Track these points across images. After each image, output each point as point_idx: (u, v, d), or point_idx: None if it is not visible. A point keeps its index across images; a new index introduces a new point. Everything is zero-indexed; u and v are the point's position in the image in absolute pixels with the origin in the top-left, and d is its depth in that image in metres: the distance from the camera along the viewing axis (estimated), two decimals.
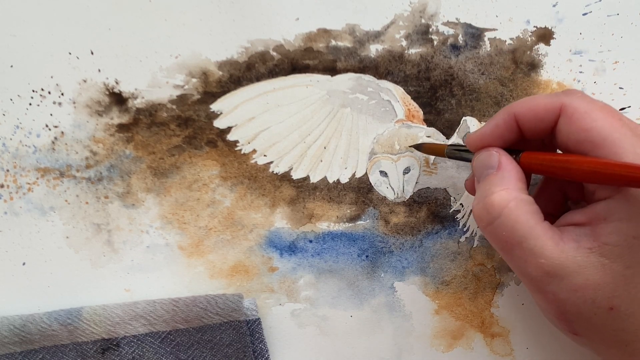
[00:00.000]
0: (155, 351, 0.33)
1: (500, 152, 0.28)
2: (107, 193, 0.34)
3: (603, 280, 0.25)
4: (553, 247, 0.26)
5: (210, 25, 0.34)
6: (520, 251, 0.26)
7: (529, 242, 0.26)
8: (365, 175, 0.35)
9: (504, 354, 0.36)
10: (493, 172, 0.28)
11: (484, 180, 0.28)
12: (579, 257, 0.25)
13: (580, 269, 0.25)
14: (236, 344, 0.34)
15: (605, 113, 0.26)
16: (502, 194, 0.27)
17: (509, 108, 0.28)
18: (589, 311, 0.26)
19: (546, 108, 0.27)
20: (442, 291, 0.36)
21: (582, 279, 0.25)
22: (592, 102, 0.26)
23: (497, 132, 0.29)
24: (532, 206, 0.27)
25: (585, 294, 0.26)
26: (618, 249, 0.25)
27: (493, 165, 0.28)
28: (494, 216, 0.27)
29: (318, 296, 0.35)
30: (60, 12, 0.34)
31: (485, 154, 0.29)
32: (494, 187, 0.27)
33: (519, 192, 0.27)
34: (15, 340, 0.32)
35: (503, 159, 0.28)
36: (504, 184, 0.27)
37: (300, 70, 0.35)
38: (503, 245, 0.27)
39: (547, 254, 0.26)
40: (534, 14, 0.35)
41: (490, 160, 0.28)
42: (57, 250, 0.34)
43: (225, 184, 0.35)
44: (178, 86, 0.34)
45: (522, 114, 0.28)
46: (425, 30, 0.35)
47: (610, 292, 0.25)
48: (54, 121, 0.34)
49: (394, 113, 0.35)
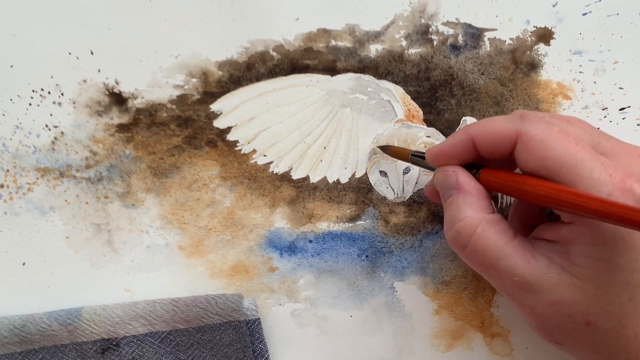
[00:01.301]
0: (155, 351, 0.33)
1: (458, 171, 0.28)
2: (107, 193, 0.34)
3: (576, 298, 0.25)
4: (525, 265, 0.26)
5: (210, 25, 0.34)
6: (495, 271, 0.26)
7: (500, 262, 0.26)
8: (365, 175, 0.35)
9: (504, 354, 0.36)
10: (454, 193, 0.28)
11: (448, 203, 0.28)
12: (552, 274, 0.26)
13: (554, 286, 0.25)
14: (236, 344, 0.34)
15: (561, 139, 0.25)
16: (468, 220, 0.27)
17: (467, 129, 0.28)
18: (566, 325, 0.26)
19: (502, 134, 0.27)
20: (442, 291, 0.36)
21: (556, 295, 0.25)
22: (548, 127, 0.26)
23: (454, 151, 0.28)
24: (499, 225, 0.27)
25: (560, 309, 0.26)
26: (586, 270, 0.25)
27: (453, 186, 0.28)
28: (465, 243, 0.27)
29: (318, 296, 0.35)
30: (60, 12, 0.34)
31: (443, 174, 0.28)
32: (459, 213, 0.27)
33: (483, 213, 0.27)
34: (15, 340, 0.32)
35: (461, 178, 0.28)
36: (467, 208, 0.27)
37: (300, 70, 0.35)
38: (478, 267, 0.27)
39: (520, 272, 0.26)
40: (534, 14, 0.35)
41: (449, 180, 0.28)
42: (57, 250, 0.34)
43: (225, 184, 0.35)
44: (178, 86, 0.34)
45: (479, 137, 0.27)
46: (425, 30, 0.35)
47: (584, 309, 0.25)
48: (54, 121, 0.34)
49: (393, 113, 0.35)
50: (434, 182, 0.30)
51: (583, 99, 0.36)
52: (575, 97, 0.36)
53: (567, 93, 0.36)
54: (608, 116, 0.36)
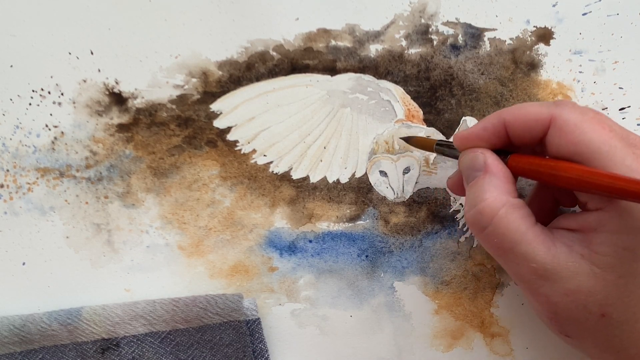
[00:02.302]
0: (155, 351, 0.33)
1: (486, 153, 0.28)
2: (107, 193, 0.34)
3: (595, 288, 0.25)
4: (545, 251, 0.26)
5: (210, 25, 0.34)
6: (513, 256, 0.26)
7: (520, 247, 0.26)
8: (365, 175, 0.35)
9: (504, 353, 0.36)
10: (480, 175, 0.27)
11: (472, 184, 0.28)
12: (571, 262, 0.25)
13: (572, 275, 0.25)
14: (236, 344, 0.34)
15: (595, 124, 0.26)
16: (491, 201, 0.26)
17: (499, 113, 0.28)
18: (580, 316, 0.26)
19: (536, 118, 0.27)
20: (442, 291, 0.36)
21: (574, 284, 0.25)
22: (582, 114, 0.26)
23: (485, 135, 0.28)
24: (522, 210, 0.27)
25: (577, 299, 0.26)
26: (609, 259, 0.25)
27: (480, 168, 0.28)
28: (485, 224, 0.27)
29: (318, 296, 0.35)
30: (60, 12, 0.34)
31: (471, 155, 0.28)
32: (484, 194, 0.27)
33: (508, 197, 0.27)
34: (15, 340, 0.32)
35: (489, 160, 0.28)
36: (492, 189, 0.27)
37: (300, 70, 0.35)
38: (496, 250, 0.27)
39: (539, 259, 0.26)
40: (534, 14, 0.35)
41: (476, 161, 0.28)
42: (57, 250, 0.34)
43: (225, 184, 0.35)
44: (178, 86, 0.34)
45: (512, 122, 0.27)
46: (425, 30, 0.35)
47: (602, 299, 0.25)
48: (54, 121, 0.34)
49: (393, 113, 0.35)
50: (460, 164, 0.29)
51: (583, 98, 0.36)
52: (575, 97, 0.36)
53: (567, 93, 0.36)
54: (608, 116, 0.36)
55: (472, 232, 0.28)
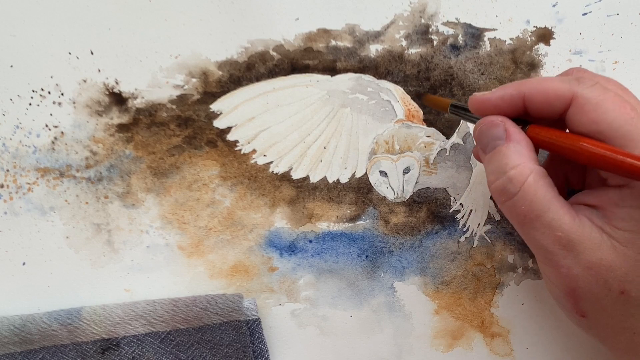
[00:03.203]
0: (155, 351, 0.33)
1: (506, 121, 0.27)
2: (107, 193, 0.34)
3: (616, 263, 0.25)
4: (570, 221, 0.26)
5: (210, 25, 0.34)
6: (539, 224, 0.26)
7: (547, 215, 0.26)
8: (365, 175, 0.35)
9: (504, 354, 0.36)
10: (502, 143, 0.27)
11: (495, 152, 0.27)
12: (594, 234, 0.25)
13: (595, 247, 0.25)
14: (236, 344, 0.34)
15: (617, 104, 0.25)
16: (520, 168, 0.26)
17: (519, 85, 0.27)
18: (600, 292, 0.26)
19: (557, 95, 0.26)
20: (442, 291, 0.36)
21: (596, 257, 0.25)
22: (604, 92, 0.26)
23: (502, 103, 0.28)
24: (547, 179, 0.26)
25: (598, 273, 0.25)
26: (630, 235, 0.25)
27: (500, 136, 0.27)
28: (514, 192, 0.26)
29: (318, 296, 0.35)
30: (60, 12, 0.34)
31: (489, 124, 0.28)
32: (510, 161, 0.26)
33: (534, 164, 0.26)
34: (15, 340, 0.32)
35: (511, 129, 0.27)
36: (518, 157, 0.26)
37: (300, 70, 0.35)
38: (522, 219, 0.27)
39: (565, 227, 0.25)
40: (534, 14, 0.35)
41: (496, 130, 0.27)
42: (57, 250, 0.34)
43: (225, 184, 0.35)
44: (178, 86, 0.34)
45: (532, 95, 0.27)
46: (425, 30, 0.35)
47: (622, 275, 0.25)
48: (54, 121, 0.34)
49: (393, 113, 0.35)
50: (475, 132, 0.29)
51: None
52: None
53: None
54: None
55: (496, 200, 0.28)
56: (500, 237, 0.36)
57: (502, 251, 0.36)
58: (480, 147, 0.29)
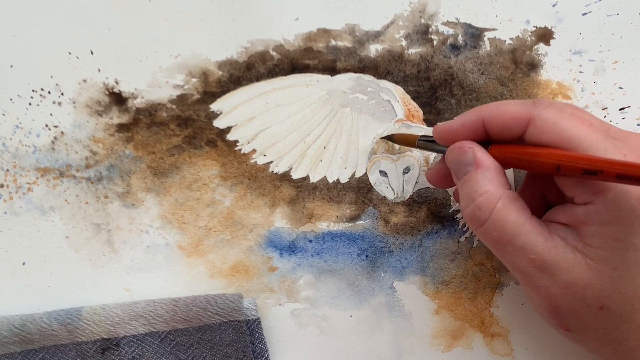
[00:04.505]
0: (155, 351, 0.33)
1: (474, 147, 0.28)
2: (107, 193, 0.34)
3: (591, 280, 0.25)
4: (543, 242, 0.26)
5: (210, 25, 0.34)
6: (511, 248, 0.26)
7: (519, 239, 0.26)
8: (365, 175, 0.35)
9: (504, 353, 0.36)
10: (472, 170, 0.27)
11: (465, 179, 0.28)
12: (568, 254, 0.26)
13: (570, 267, 0.25)
14: (236, 343, 0.34)
15: (574, 120, 0.26)
16: (487, 195, 0.27)
17: (478, 111, 0.28)
18: (580, 308, 0.26)
19: (514, 118, 0.27)
20: (442, 291, 0.36)
21: (572, 276, 0.25)
22: (560, 111, 0.26)
23: (463, 131, 0.28)
24: (518, 202, 0.27)
25: (575, 292, 0.26)
26: (601, 252, 0.25)
27: (470, 162, 0.28)
28: (484, 218, 0.27)
29: (318, 296, 0.35)
30: (60, 12, 0.34)
31: (459, 151, 0.28)
32: (479, 188, 0.27)
33: (503, 189, 0.27)
34: (15, 340, 0.32)
35: (478, 154, 0.28)
36: (486, 183, 0.27)
37: (300, 70, 0.35)
38: (495, 244, 0.27)
39: (538, 250, 0.26)
40: (534, 14, 0.35)
41: (465, 157, 0.28)
42: (57, 250, 0.34)
43: (225, 184, 0.35)
44: (178, 86, 0.34)
45: (490, 120, 0.28)
46: (425, 30, 0.35)
47: (599, 292, 0.25)
48: (54, 121, 0.34)
49: (393, 113, 0.35)
50: (447, 159, 0.29)
51: (583, 98, 0.36)
52: (575, 97, 0.36)
53: (567, 93, 0.36)
54: (608, 116, 0.36)
55: (470, 227, 0.28)
56: None
57: None
58: (454, 174, 0.29)
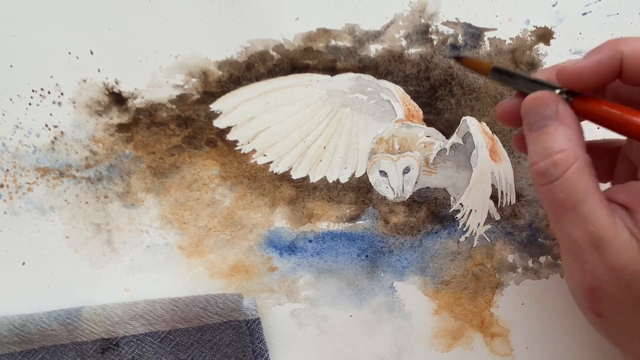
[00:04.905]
0: (154, 351, 0.33)
1: (559, 101, 0.25)
2: (107, 193, 0.34)
3: None
4: (606, 217, 0.24)
5: (210, 25, 0.34)
6: (573, 215, 0.25)
7: (583, 207, 0.24)
8: (365, 175, 0.35)
9: (504, 353, 0.36)
10: (552, 124, 0.25)
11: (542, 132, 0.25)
12: (625, 236, 0.24)
13: (624, 250, 0.24)
14: (236, 343, 0.34)
15: None
16: (566, 153, 0.24)
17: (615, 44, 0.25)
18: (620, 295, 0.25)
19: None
20: (442, 291, 0.36)
21: (623, 260, 0.24)
22: None
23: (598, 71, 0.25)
24: (592, 169, 0.25)
25: (622, 276, 0.24)
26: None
27: (550, 116, 0.25)
28: (555, 177, 0.25)
29: (318, 296, 0.35)
30: (60, 12, 0.34)
31: (540, 101, 0.26)
32: (557, 144, 0.25)
33: (582, 151, 0.25)
34: (15, 340, 0.32)
35: (561, 108, 0.25)
36: (566, 141, 0.25)
37: (300, 70, 0.35)
38: (557, 206, 0.25)
39: (599, 223, 0.24)
40: (534, 14, 0.35)
41: (547, 110, 0.25)
42: (57, 250, 0.34)
43: (225, 184, 0.35)
44: (178, 86, 0.34)
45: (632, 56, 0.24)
46: (425, 30, 0.35)
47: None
48: (54, 121, 0.34)
49: (393, 113, 0.35)
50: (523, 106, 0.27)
51: None
52: None
53: None
54: None
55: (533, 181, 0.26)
56: (500, 237, 0.36)
57: (502, 251, 0.36)
58: (527, 124, 0.27)
